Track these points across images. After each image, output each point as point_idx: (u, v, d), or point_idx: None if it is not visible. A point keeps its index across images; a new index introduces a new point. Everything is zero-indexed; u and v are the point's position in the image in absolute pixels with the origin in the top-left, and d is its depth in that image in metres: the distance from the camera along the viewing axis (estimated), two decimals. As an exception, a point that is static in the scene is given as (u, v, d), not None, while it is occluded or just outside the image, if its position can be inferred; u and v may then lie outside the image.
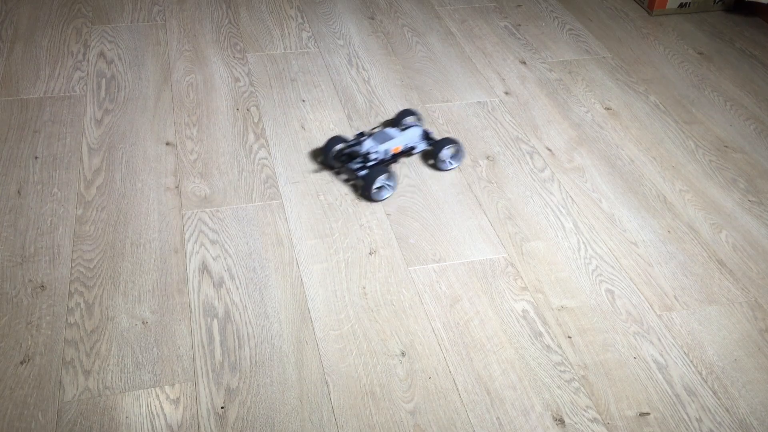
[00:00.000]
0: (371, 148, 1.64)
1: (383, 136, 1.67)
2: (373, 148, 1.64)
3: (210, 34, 2.20)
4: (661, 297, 1.41)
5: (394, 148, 1.67)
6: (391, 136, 1.68)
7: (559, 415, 1.19)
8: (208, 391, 1.20)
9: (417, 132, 1.71)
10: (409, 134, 1.70)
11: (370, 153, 1.63)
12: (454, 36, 2.25)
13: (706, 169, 1.75)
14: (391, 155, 1.67)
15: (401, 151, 1.69)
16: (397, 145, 1.67)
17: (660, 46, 2.26)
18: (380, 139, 1.66)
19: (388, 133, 1.69)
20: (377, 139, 1.66)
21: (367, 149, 1.63)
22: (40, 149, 1.70)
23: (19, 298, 1.34)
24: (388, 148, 1.66)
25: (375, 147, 1.64)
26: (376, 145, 1.64)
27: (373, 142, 1.66)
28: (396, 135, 1.68)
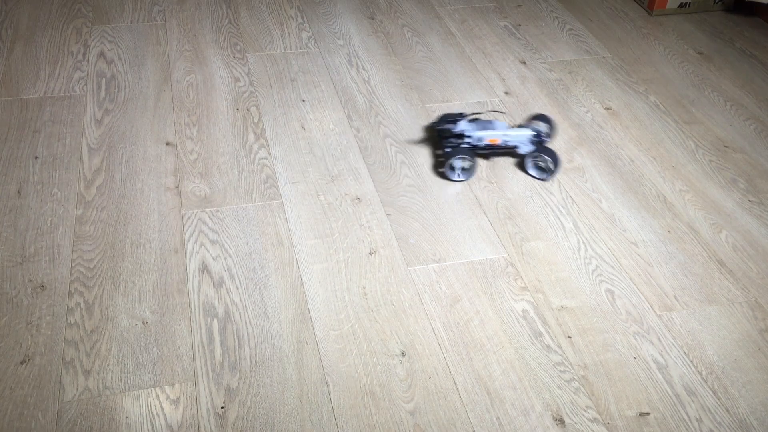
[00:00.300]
0: (465, 130, 1.64)
1: (487, 125, 1.67)
2: (467, 131, 1.64)
3: (210, 34, 2.20)
4: (661, 297, 1.41)
5: (490, 139, 1.65)
6: (494, 127, 1.66)
7: (559, 415, 1.19)
8: (208, 391, 1.20)
9: (527, 133, 1.67)
10: (517, 132, 1.67)
11: (463, 134, 1.63)
12: (454, 36, 2.25)
13: (706, 169, 1.75)
14: (485, 144, 1.65)
15: (499, 145, 1.66)
16: (495, 138, 1.64)
17: (660, 46, 2.26)
18: (481, 126, 1.66)
19: (495, 124, 1.68)
20: (480, 125, 1.66)
21: (461, 130, 1.64)
22: (40, 149, 1.70)
23: (19, 298, 1.34)
24: (483, 136, 1.64)
25: (470, 131, 1.64)
26: (472, 130, 1.64)
27: (470, 125, 1.66)
28: (501, 128, 1.66)
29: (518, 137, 1.67)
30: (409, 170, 1.70)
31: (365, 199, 1.61)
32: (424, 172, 1.70)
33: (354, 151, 1.75)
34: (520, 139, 1.67)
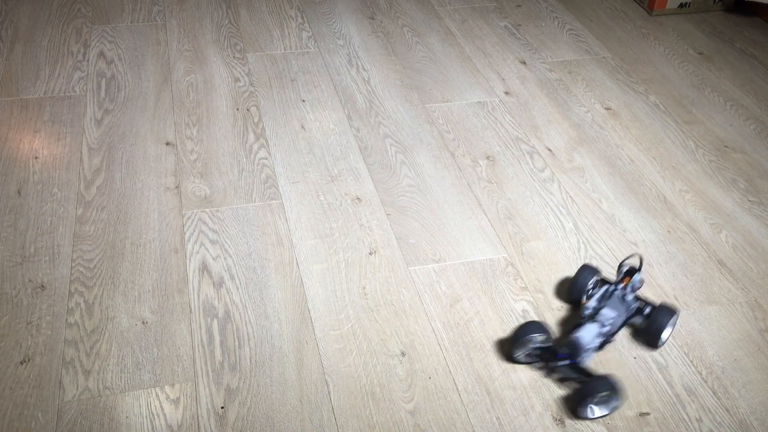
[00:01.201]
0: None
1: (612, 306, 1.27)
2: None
3: (210, 34, 2.20)
4: (661, 297, 1.41)
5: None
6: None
7: (559, 415, 1.19)
8: (208, 391, 1.20)
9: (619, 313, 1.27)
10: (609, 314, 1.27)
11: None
12: (454, 36, 2.25)
13: (706, 169, 1.75)
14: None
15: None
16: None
17: (660, 46, 2.26)
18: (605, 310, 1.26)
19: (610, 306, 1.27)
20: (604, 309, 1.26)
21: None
22: (40, 149, 1.70)
23: (19, 298, 1.34)
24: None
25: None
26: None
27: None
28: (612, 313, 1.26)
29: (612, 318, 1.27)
30: (409, 170, 1.70)
31: (365, 199, 1.61)
32: (424, 172, 1.70)
33: (354, 151, 1.75)
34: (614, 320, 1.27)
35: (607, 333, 1.23)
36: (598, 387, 1.15)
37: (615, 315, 1.24)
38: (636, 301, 1.28)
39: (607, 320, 1.23)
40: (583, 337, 1.21)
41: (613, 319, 1.24)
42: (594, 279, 1.32)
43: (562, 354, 1.21)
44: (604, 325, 1.23)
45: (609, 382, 1.15)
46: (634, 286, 1.28)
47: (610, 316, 1.24)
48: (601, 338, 1.23)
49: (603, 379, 1.16)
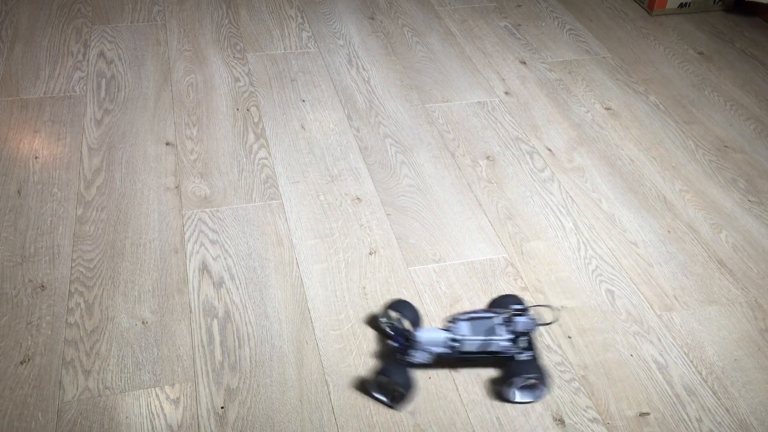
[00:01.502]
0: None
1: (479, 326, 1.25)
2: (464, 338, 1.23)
3: (210, 34, 2.20)
4: (661, 297, 1.41)
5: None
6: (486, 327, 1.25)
7: (559, 415, 1.19)
8: (208, 391, 1.20)
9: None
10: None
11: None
12: (454, 36, 2.25)
13: (706, 169, 1.75)
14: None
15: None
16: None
17: (660, 46, 2.26)
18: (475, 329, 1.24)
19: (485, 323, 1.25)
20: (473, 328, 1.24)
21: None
22: (40, 149, 1.70)
23: (19, 298, 1.34)
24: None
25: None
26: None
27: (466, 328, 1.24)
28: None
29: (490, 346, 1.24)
30: (409, 170, 1.70)
31: (365, 199, 1.61)
32: (424, 172, 1.70)
33: (354, 151, 1.75)
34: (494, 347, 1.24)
35: (453, 347, 1.21)
36: (524, 370, 1.16)
37: (469, 334, 1.21)
38: (511, 342, 1.21)
39: (458, 334, 1.21)
40: (425, 334, 1.20)
41: (465, 337, 1.21)
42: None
43: (399, 337, 1.23)
44: (455, 338, 1.20)
45: (537, 367, 1.17)
46: (514, 325, 1.21)
47: (463, 332, 1.21)
48: (444, 348, 1.21)
49: (530, 363, 1.17)
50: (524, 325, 1.21)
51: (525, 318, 1.22)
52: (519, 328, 1.21)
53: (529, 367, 1.17)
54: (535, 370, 1.17)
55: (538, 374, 1.17)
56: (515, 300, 1.31)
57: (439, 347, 1.21)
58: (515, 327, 1.21)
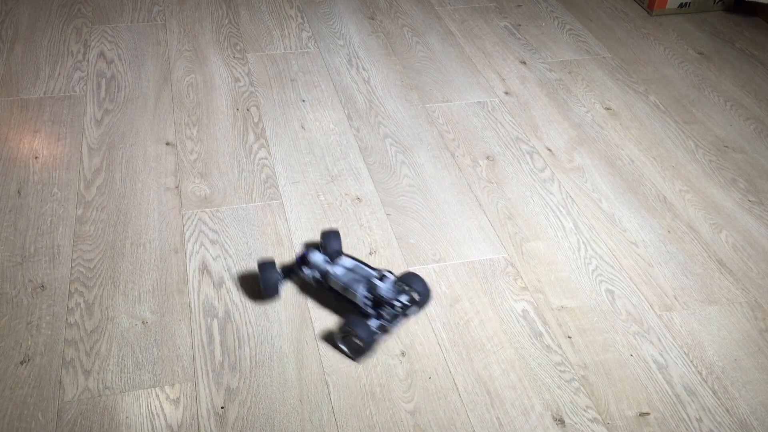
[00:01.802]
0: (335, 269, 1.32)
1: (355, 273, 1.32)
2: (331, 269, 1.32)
3: (210, 34, 2.20)
4: (661, 297, 1.41)
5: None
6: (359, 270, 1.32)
7: (559, 415, 1.19)
8: (208, 391, 1.20)
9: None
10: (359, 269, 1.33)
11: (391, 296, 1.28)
12: (454, 36, 2.25)
13: (706, 169, 1.75)
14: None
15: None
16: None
17: (660, 46, 2.26)
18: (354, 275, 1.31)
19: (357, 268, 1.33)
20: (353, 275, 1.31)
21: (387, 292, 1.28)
22: (40, 149, 1.70)
23: (19, 298, 1.34)
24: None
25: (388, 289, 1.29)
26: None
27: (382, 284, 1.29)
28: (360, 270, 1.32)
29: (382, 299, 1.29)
30: (409, 170, 1.70)
31: (365, 199, 1.61)
32: (424, 172, 1.70)
33: (354, 151, 1.75)
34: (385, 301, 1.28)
35: (323, 279, 1.32)
36: (360, 331, 1.22)
37: (342, 275, 1.31)
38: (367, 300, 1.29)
39: (334, 270, 1.32)
40: (312, 257, 1.34)
41: (335, 274, 1.31)
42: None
43: (299, 257, 1.35)
44: (326, 271, 1.32)
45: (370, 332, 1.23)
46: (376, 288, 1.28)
47: (337, 271, 1.32)
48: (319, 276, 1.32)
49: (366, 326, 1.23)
50: (384, 292, 1.26)
51: (389, 288, 1.27)
52: (377, 292, 1.27)
53: (362, 330, 1.23)
54: (365, 334, 1.23)
55: (367, 339, 1.23)
56: (420, 283, 1.33)
57: (317, 273, 1.33)
58: (376, 290, 1.27)
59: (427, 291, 1.34)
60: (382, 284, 1.27)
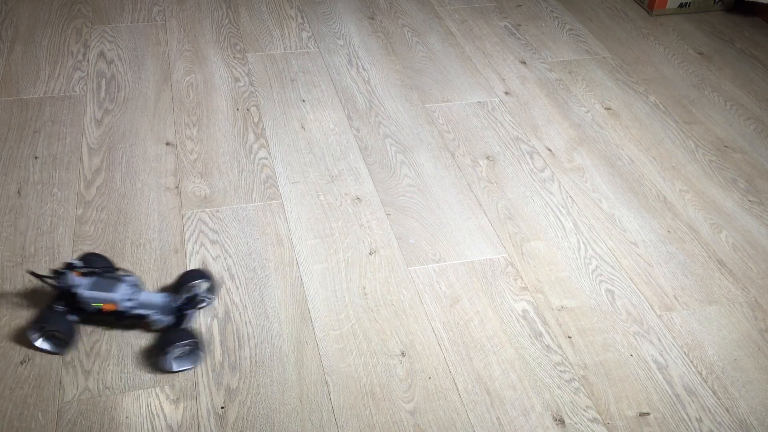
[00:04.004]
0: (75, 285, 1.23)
1: (108, 284, 1.25)
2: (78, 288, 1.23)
3: (210, 34, 2.20)
4: (661, 297, 1.41)
5: (104, 304, 1.24)
6: (116, 289, 1.25)
7: (559, 415, 1.19)
8: (208, 391, 1.20)
9: (159, 299, 1.27)
10: (147, 298, 1.27)
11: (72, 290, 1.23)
12: (454, 36, 2.25)
13: (706, 169, 1.75)
14: (95, 308, 1.25)
15: (120, 312, 1.25)
16: (110, 302, 1.24)
17: (660, 46, 2.26)
18: (100, 286, 1.25)
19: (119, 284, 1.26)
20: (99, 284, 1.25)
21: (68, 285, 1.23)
22: (40, 149, 1.70)
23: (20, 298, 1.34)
24: (95, 297, 1.24)
25: (81, 288, 1.23)
26: (84, 288, 1.24)
27: (84, 281, 1.24)
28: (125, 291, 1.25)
29: (149, 302, 1.25)
30: (409, 170, 1.70)
31: (365, 199, 1.61)
32: (424, 172, 1.70)
33: (354, 151, 1.75)
34: (151, 304, 1.25)
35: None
36: (178, 338, 1.18)
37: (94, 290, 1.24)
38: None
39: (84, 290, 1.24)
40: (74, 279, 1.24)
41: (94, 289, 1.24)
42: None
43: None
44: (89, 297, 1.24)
45: (190, 333, 1.19)
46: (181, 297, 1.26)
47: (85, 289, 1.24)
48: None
49: (183, 331, 1.19)
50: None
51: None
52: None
53: (183, 334, 1.19)
54: (188, 335, 1.19)
55: (193, 339, 1.19)
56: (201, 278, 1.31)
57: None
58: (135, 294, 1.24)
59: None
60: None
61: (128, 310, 1.24)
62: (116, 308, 1.23)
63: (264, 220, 1.54)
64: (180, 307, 1.25)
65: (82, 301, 1.23)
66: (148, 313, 1.24)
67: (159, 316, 1.24)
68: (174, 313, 1.25)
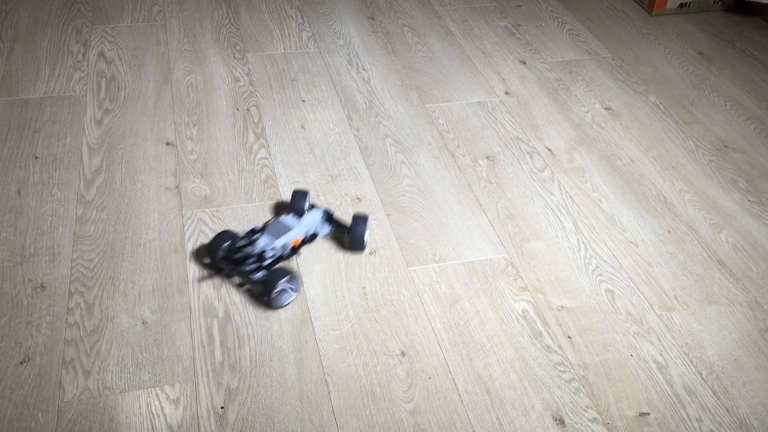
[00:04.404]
0: (267, 245, 1.38)
1: (279, 228, 1.42)
2: (269, 245, 1.38)
3: (210, 34, 2.20)
4: (661, 297, 1.41)
5: (293, 241, 1.42)
6: (288, 226, 1.43)
7: (559, 415, 1.19)
8: (208, 391, 1.20)
9: (317, 215, 1.47)
10: (309, 220, 1.46)
11: (265, 251, 1.37)
12: (454, 36, 2.25)
13: (706, 169, 1.75)
14: (290, 249, 1.42)
15: (302, 241, 1.44)
16: (297, 237, 1.42)
17: (660, 46, 2.26)
18: (276, 233, 1.41)
19: (284, 223, 1.43)
20: (273, 232, 1.41)
21: (262, 247, 1.37)
22: (40, 149, 1.70)
23: (19, 298, 1.34)
24: (286, 242, 1.40)
25: (271, 243, 1.38)
26: (272, 241, 1.39)
27: (268, 237, 1.40)
28: (293, 224, 1.43)
29: (313, 224, 1.46)
30: (409, 170, 1.70)
31: (365, 199, 1.61)
32: (424, 172, 1.70)
33: (354, 151, 1.75)
34: (316, 224, 1.46)
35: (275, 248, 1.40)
36: (279, 275, 1.32)
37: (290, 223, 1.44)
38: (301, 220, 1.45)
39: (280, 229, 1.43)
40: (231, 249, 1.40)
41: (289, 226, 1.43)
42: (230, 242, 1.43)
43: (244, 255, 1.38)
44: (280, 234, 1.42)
45: (285, 270, 1.33)
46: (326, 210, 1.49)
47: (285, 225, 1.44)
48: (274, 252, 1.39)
49: (279, 270, 1.33)
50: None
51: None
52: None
53: (281, 272, 1.33)
54: (286, 272, 1.33)
55: (290, 273, 1.34)
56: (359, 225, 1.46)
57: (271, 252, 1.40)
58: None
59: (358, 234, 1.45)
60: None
61: (307, 234, 1.45)
62: (302, 239, 1.45)
63: (264, 220, 1.54)
64: (328, 215, 1.49)
65: (277, 249, 1.40)
66: (317, 231, 1.47)
67: (323, 229, 1.48)
68: (328, 219, 1.49)
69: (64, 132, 1.76)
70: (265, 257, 1.37)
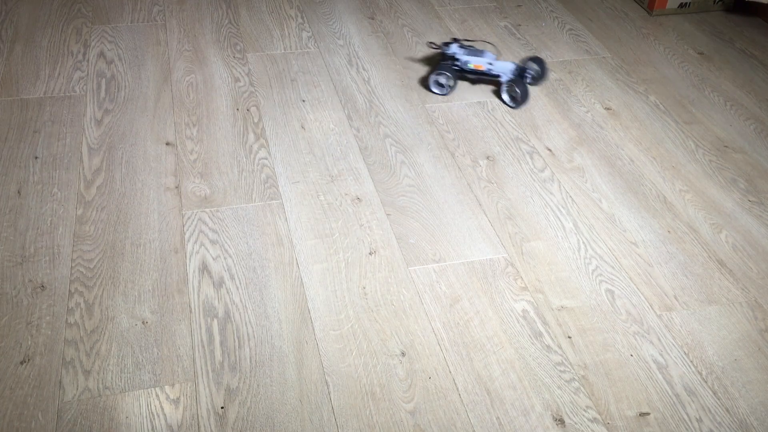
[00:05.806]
0: (456, 53, 1.93)
1: (477, 53, 1.94)
2: (457, 54, 1.93)
3: (210, 34, 2.20)
4: (661, 297, 1.41)
5: (475, 64, 1.92)
6: (483, 56, 1.92)
7: (559, 415, 1.19)
8: (208, 391, 1.20)
9: (510, 66, 1.91)
10: (501, 64, 1.92)
11: (455, 56, 1.93)
12: (455, 36, 2.25)
13: (706, 169, 1.75)
14: (470, 68, 1.93)
15: (483, 71, 1.93)
16: (479, 64, 1.91)
17: (660, 46, 2.26)
18: (472, 53, 1.94)
19: (485, 53, 1.93)
20: (471, 52, 1.94)
21: (452, 53, 1.93)
22: (40, 149, 1.70)
23: (19, 298, 1.34)
24: (469, 60, 1.92)
25: (460, 55, 1.93)
26: (462, 54, 1.93)
27: (461, 50, 1.94)
28: (488, 58, 1.92)
29: (502, 67, 1.91)
30: (409, 170, 1.70)
31: (365, 199, 1.61)
32: (424, 172, 1.70)
33: (354, 151, 1.75)
34: (503, 69, 1.91)
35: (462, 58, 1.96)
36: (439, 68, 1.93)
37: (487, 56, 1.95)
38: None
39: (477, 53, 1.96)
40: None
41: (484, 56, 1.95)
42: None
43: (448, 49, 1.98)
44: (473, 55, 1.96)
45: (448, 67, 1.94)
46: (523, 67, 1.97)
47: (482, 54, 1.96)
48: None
49: (443, 64, 1.94)
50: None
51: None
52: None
53: (445, 66, 1.92)
54: (448, 68, 1.91)
55: (444, 72, 1.92)
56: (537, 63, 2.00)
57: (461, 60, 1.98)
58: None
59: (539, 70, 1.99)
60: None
61: (489, 70, 1.93)
62: (482, 68, 1.93)
63: (264, 220, 1.54)
64: (520, 73, 1.93)
65: (461, 62, 1.93)
66: (500, 73, 1.93)
67: (507, 77, 1.92)
68: (516, 75, 1.92)
69: (64, 132, 1.76)
70: (454, 61, 1.93)
